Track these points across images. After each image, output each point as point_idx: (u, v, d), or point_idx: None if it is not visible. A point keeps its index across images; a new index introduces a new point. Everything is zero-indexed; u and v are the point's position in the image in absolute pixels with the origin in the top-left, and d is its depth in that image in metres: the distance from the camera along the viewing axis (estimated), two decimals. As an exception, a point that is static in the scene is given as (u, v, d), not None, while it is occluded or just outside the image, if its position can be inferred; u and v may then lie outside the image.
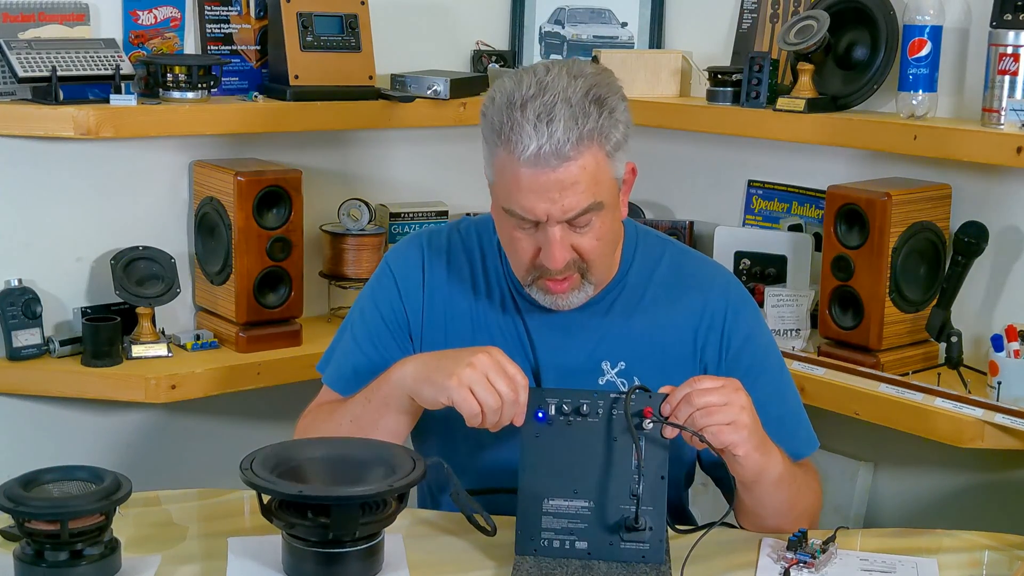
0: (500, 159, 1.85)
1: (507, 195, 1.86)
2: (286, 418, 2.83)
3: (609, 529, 1.79)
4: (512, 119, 1.81)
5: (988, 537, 1.99)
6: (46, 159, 2.75)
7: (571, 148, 1.79)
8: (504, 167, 1.85)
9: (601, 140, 1.83)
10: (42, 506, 1.66)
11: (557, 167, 1.80)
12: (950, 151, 2.53)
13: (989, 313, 2.68)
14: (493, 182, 1.91)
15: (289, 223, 2.81)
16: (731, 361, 2.03)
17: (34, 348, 2.70)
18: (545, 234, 1.86)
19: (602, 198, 1.86)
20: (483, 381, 1.77)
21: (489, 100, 1.88)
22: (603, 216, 1.88)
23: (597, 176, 1.84)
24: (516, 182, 1.83)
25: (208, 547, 1.90)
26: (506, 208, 1.88)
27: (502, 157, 1.84)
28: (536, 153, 1.79)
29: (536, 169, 1.80)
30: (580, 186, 1.82)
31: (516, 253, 1.93)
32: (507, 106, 1.82)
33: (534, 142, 1.79)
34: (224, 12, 2.92)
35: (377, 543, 1.73)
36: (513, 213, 1.87)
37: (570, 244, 1.88)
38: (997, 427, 2.36)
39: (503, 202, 1.88)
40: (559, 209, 1.83)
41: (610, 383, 2.02)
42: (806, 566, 1.80)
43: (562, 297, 1.94)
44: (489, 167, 1.91)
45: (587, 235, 1.88)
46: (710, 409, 1.75)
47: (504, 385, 1.77)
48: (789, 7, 3.01)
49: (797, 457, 2.00)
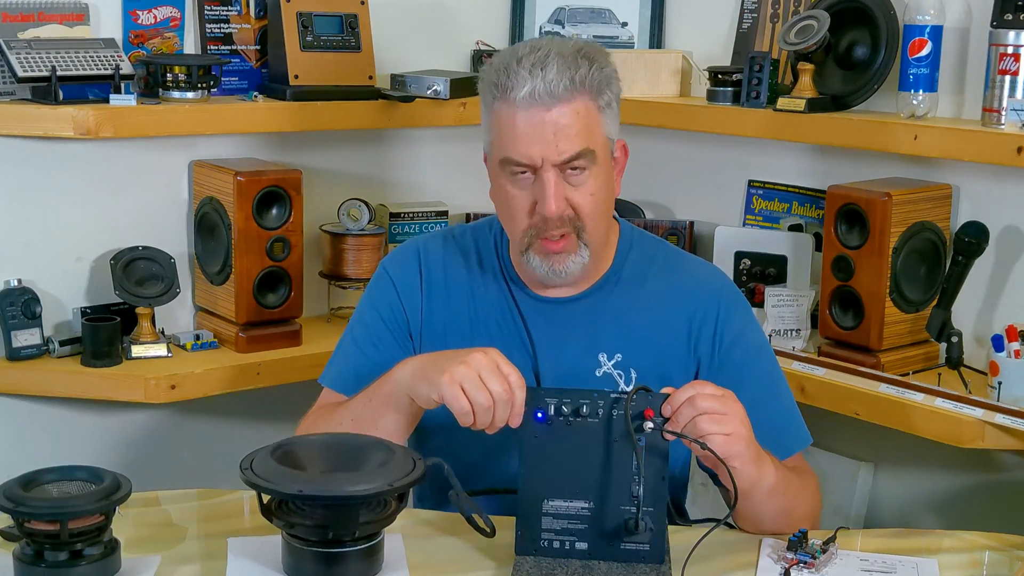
0: (497, 112, 1.93)
1: (503, 145, 1.93)
2: (286, 418, 2.83)
3: (609, 530, 1.78)
4: (508, 70, 1.91)
5: (988, 537, 1.98)
6: (46, 159, 2.75)
7: (564, 90, 1.88)
8: (501, 116, 1.93)
9: (592, 92, 1.92)
10: (42, 506, 1.65)
11: (551, 106, 1.88)
12: (951, 151, 2.52)
13: (989, 313, 2.68)
14: (490, 141, 1.98)
15: (289, 223, 2.80)
16: (724, 354, 2.06)
17: (34, 348, 2.70)
18: (541, 182, 1.92)
19: (595, 148, 1.93)
20: (475, 379, 1.77)
21: (487, 65, 1.99)
22: (596, 172, 1.94)
23: (589, 125, 1.92)
24: (512, 127, 1.91)
25: (208, 547, 1.90)
26: (503, 160, 1.94)
27: (499, 109, 1.93)
28: (531, 93, 1.88)
29: (531, 111, 1.89)
30: (573, 129, 1.90)
31: (513, 213, 1.97)
32: (503, 65, 1.92)
33: (528, 84, 1.88)
34: (224, 12, 2.92)
35: (377, 543, 1.73)
36: (509, 161, 1.93)
37: (565, 198, 1.93)
38: (997, 427, 2.36)
39: (500, 154, 1.94)
40: (554, 151, 1.89)
41: (607, 375, 2.04)
42: (806, 566, 1.80)
43: (559, 261, 1.97)
44: (487, 131, 1.98)
45: (581, 189, 1.93)
46: (713, 416, 1.75)
47: (497, 384, 1.76)
48: (789, 7, 3.01)
49: (790, 452, 2.03)
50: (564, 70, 1.89)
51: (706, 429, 1.75)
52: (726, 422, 1.76)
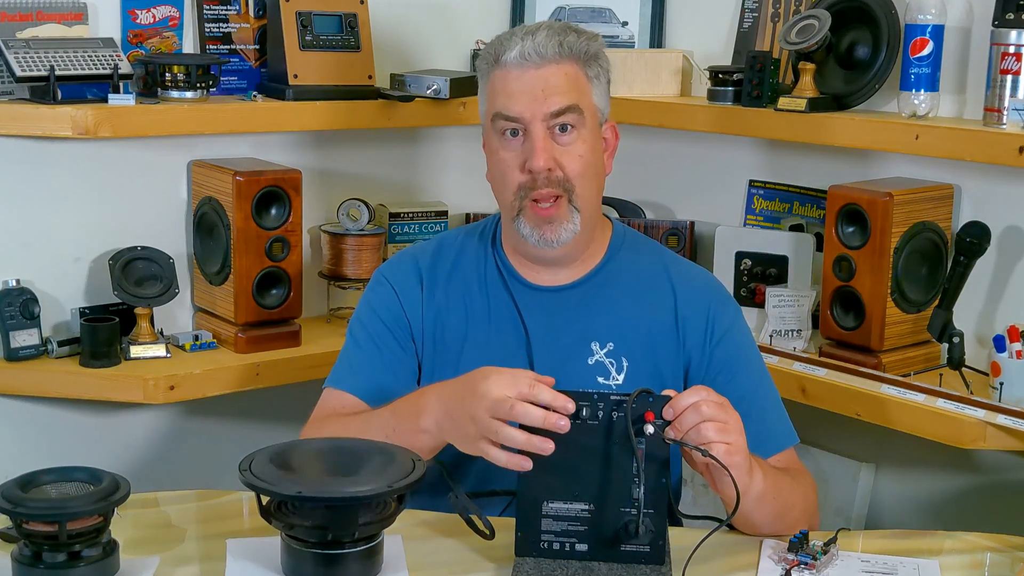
0: (491, 78, 2.05)
1: (495, 102, 2.03)
2: (285, 419, 2.83)
3: (609, 532, 1.78)
4: (501, 40, 2.04)
5: (990, 539, 1.98)
6: (44, 159, 2.74)
7: (552, 52, 2.00)
8: (494, 80, 2.04)
9: (580, 60, 2.03)
10: (40, 507, 1.65)
11: (540, 65, 2.00)
12: (952, 151, 2.52)
13: (991, 314, 2.68)
14: (486, 110, 2.07)
15: (288, 223, 2.80)
16: (714, 348, 2.10)
17: (32, 349, 2.69)
18: (530, 139, 2.00)
19: (583, 107, 2.02)
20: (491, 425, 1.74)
21: (483, 47, 2.11)
22: (584, 136, 2.03)
23: (578, 86, 2.02)
24: (504, 85, 2.02)
25: (207, 548, 1.90)
26: (494, 116, 2.03)
27: (493, 75, 2.04)
28: (520, 53, 2.00)
29: (521, 69, 2.00)
30: (561, 87, 2.00)
31: (504, 175, 2.04)
32: (497, 39, 2.06)
33: (519, 45, 2.00)
34: (223, 11, 2.91)
35: (376, 544, 1.72)
36: (500, 116, 2.02)
37: (553, 157, 2.00)
38: (999, 428, 2.35)
39: (492, 111, 2.04)
40: (542, 104, 1.99)
41: (599, 363, 2.08)
42: (807, 568, 1.79)
43: (551, 230, 2.02)
44: (483, 99, 2.08)
45: (569, 149, 2.01)
46: (717, 424, 1.75)
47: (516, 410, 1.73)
48: (790, 6, 3.00)
49: (778, 450, 2.05)
50: (553, 35, 2.01)
51: (710, 437, 1.75)
52: (728, 431, 1.76)
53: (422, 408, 1.90)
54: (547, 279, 2.12)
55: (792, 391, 2.60)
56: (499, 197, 2.09)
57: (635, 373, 2.07)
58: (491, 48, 2.05)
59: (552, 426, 1.71)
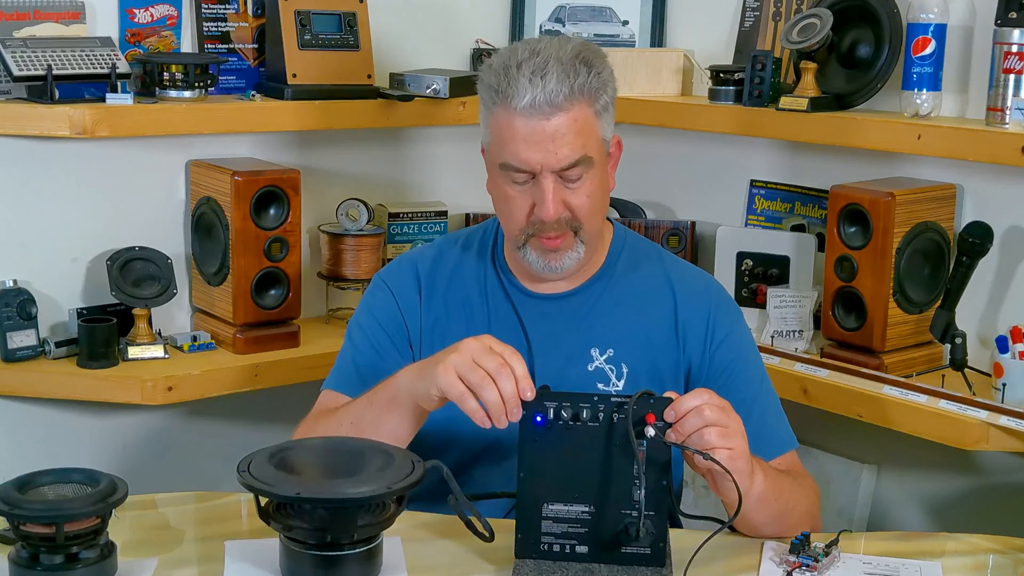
0: (497, 116, 1.97)
1: (503, 149, 1.97)
2: (284, 420, 2.82)
3: (610, 534, 1.77)
4: (509, 76, 1.94)
5: (993, 540, 1.97)
6: (41, 159, 2.73)
7: (563, 99, 1.92)
8: (501, 122, 1.96)
9: (590, 98, 1.96)
10: (37, 509, 1.64)
11: (551, 115, 1.92)
12: (954, 150, 2.52)
13: (994, 314, 2.67)
14: (490, 142, 2.02)
15: (287, 223, 2.79)
16: (714, 352, 2.09)
17: (29, 349, 2.68)
18: (539, 187, 1.96)
19: (592, 153, 1.97)
20: (467, 362, 1.77)
21: (486, 66, 2.01)
22: (592, 175, 1.99)
23: (587, 131, 1.96)
24: (512, 134, 1.95)
25: (205, 550, 1.89)
26: (502, 164, 1.98)
27: (499, 114, 1.96)
28: (531, 103, 1.91)
29: (531, 119, 1.93)
30: (571, 137, 1.94)
31: (511, 212, 2.01)
32: (503, 68, 1.95)
33: (529, 93, 1.91)
34: (221, 10, 2.91)
35: (376, 546, 1.72)
36: (509, 166, 1.97)
37: (562, 200, 1.97)
38: (1002, 429, 2.35)
39: (500, 158, 1.98)
40: (553, 159, 1.94)
41: (599, 369, 2.07)
42: (809, 570, 1.79)
43: (555, 258, 2.02)
44: (486, 130, 2.02)
45: (578, 191, 1.98)
46: (719, 429, 1.75)
47: (490, 360, 1.76)
48: (792, 5, 3.00)
49: (778, 453, 2.05)
50: (564, 79, 1.92)
51: (713, 442, 1.74)
52: (730, 436, 1.76)
53: (397, 376, 1.92)
54: (547, 287, 2.11)
55: (794, 392, 2.60)
56: (503, 224, 2.07)
57: (635, 379, 2.06)
58: (496, 80, 1.95)
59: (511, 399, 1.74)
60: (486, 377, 1.75)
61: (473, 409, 1.77)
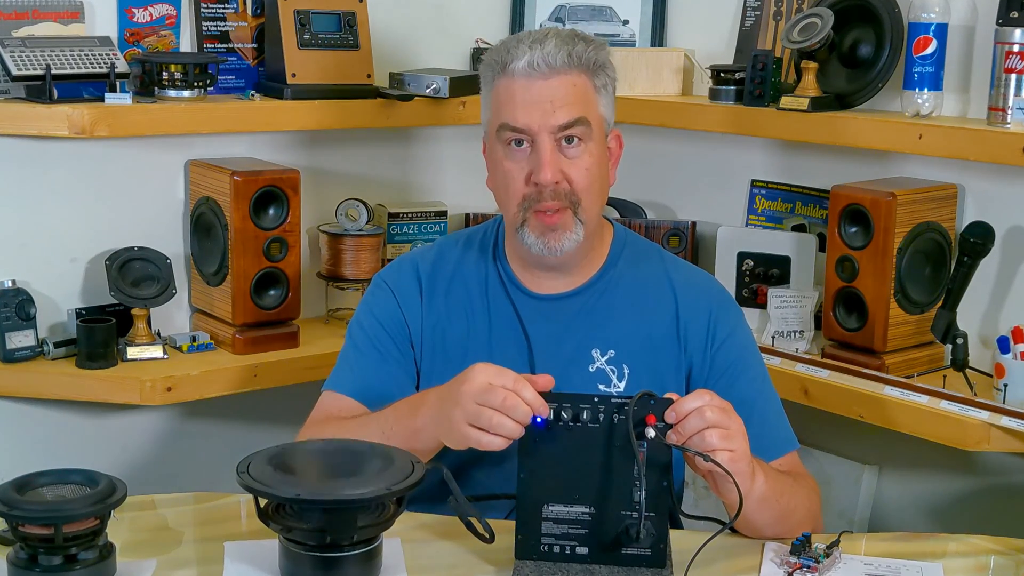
0: (496, 88, 2.01)
1: (501, 113, 2.00)
2: (284, 421, 2.82)
3: (610, 535, 1.77)
4: (507, 47, 2.00)
5: (994, 541, 1.97)
6: (40, 159, 2.73)
7: (561, 63, 1.97)
8: (500, 89, 2.01)
9: (588, 71, 2.00)
10: (36, 510, 1.64)
11: (549, 76, 1.96)
12: (956, 150, 2.51)
13: (995, 315, 2.67)
14: (489, 118, 2.04)
15: (286, 223, 2.79)
16: (715, 353, 2.09)
17: (28, 350, 2.68)
18: (537, 151, 1.98)
19: (591, 119, 1.99)
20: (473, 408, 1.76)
21: (488, 50, 2.08)
22: (591, 148, 2.01)
23: (586, 97, 2.00)
24: (510, 96, 1.98)
25: (204, 552, 1.89)
26: (500, 126, 2.00)
27: (498, 84, 2.01)
28: (529, 63, 1.96)
29: (529, 79, 1.97)
30: (570, 99, 1.97)
31: (509, 184, 2.02)
32: (503, 45, 2.02)
33: (527, 55, 1.97)
34: (220, 9, 2.90)
35: (375, 547, 1.71)
36: (506, 129, 1.99)
37: (560, 169, 1.98)
38: (1003, 430, 2.35)
39: (498, 121, 2.01)
40: (550, 117, 1.96)
41: (600, 370, 2.07)
42: (810, 571, 1.79)
43: (554, 239, 2.01)
44: (487, 108, 2.06)
45: (576, 162, 1.99)
46: (720, 431, 1.74)
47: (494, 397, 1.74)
48: (793, 4, 2.99)
49: (779, 454, 2.05)
50: (562, 45, 1.97)
51: (714, 444, 1.74)
52: (731, 438, 1.75)
53: (419, 406, 1.91)
54: (548, 287, 2.11)
55: (794, 393, 2.60)
56: (503, 207, 2.08)
57: (636, 380, 2.06)
58: (497, 55, 2.02)
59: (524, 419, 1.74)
60: (495, 414, 1.74)
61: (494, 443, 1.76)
